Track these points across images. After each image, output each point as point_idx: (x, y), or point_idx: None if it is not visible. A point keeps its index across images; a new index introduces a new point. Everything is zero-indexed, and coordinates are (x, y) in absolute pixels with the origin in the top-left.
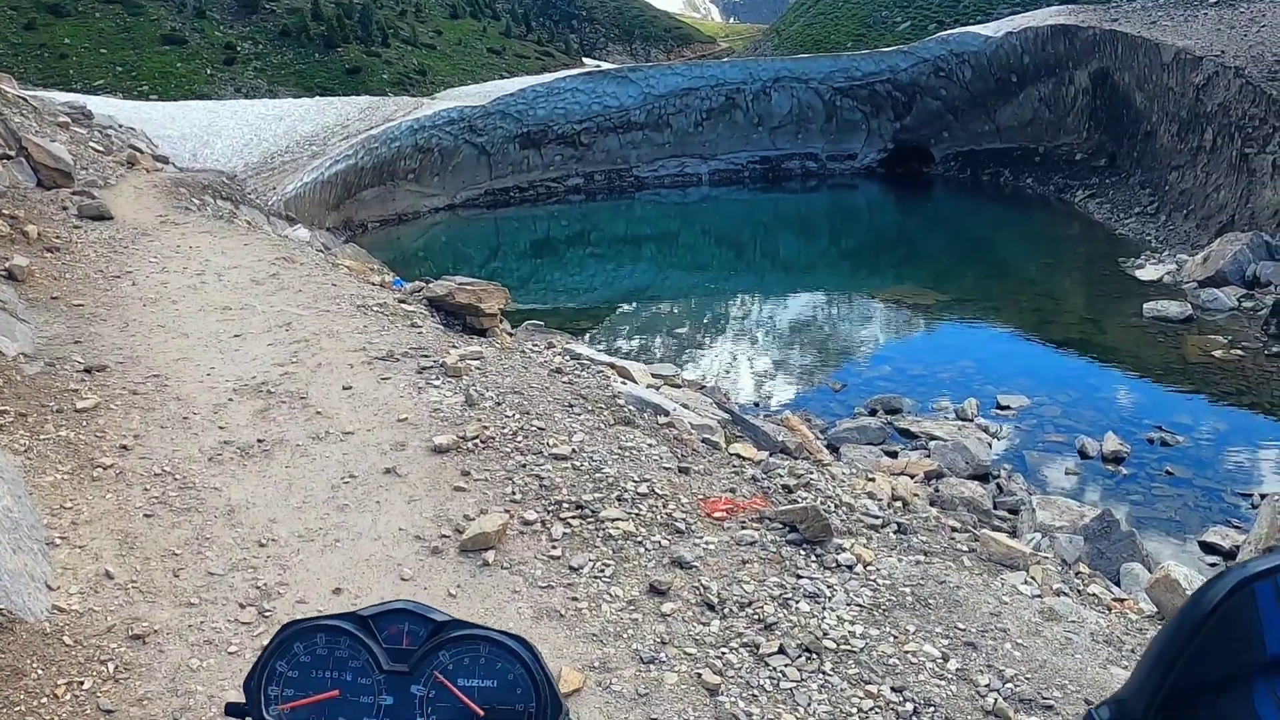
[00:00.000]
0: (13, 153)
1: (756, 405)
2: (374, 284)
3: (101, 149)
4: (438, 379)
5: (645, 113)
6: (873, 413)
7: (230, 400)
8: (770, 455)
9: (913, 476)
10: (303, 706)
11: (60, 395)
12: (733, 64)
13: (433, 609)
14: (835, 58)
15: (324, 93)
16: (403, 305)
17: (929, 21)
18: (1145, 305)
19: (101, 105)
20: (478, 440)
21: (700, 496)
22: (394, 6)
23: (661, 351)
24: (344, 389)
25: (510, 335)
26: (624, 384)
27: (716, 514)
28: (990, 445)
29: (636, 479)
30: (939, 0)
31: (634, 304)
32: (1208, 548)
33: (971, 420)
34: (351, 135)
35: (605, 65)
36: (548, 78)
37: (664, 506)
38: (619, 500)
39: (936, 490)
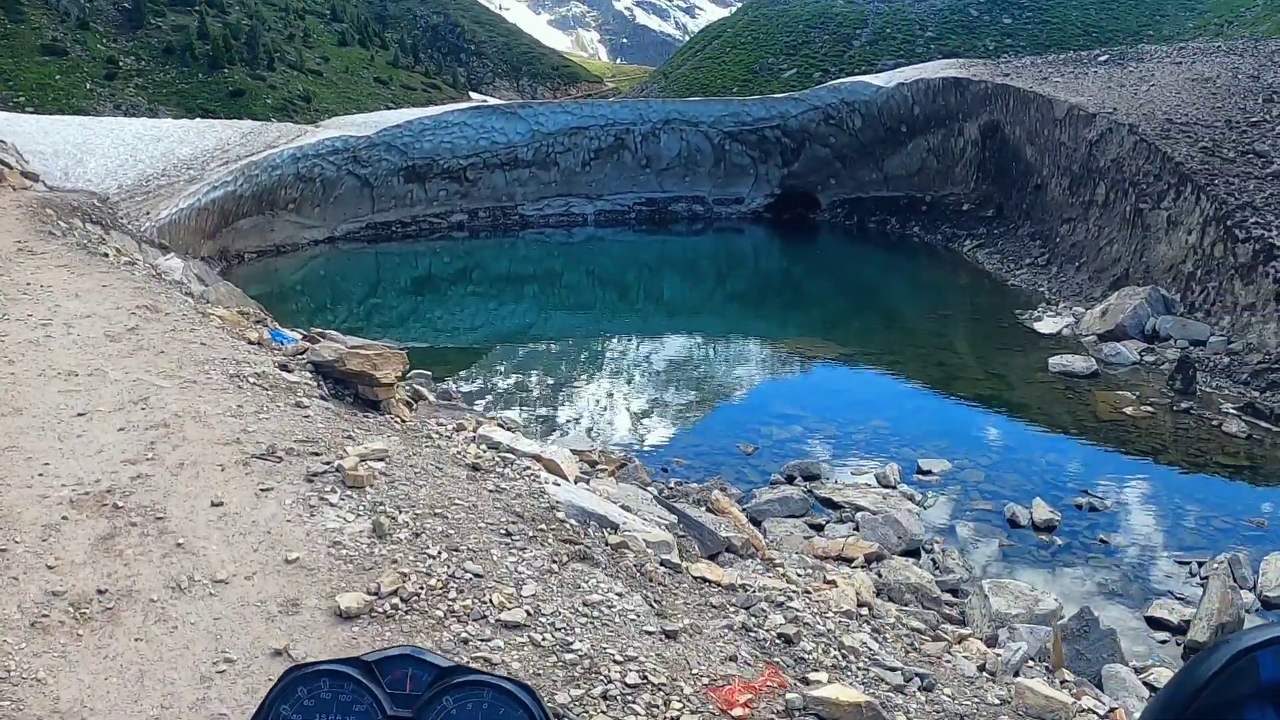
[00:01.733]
0: None
1: (666, 471)
2: (251, 341)
3: None
4: (334, 492)
5: (533, 150)
6: (790, 479)
7: (65, 519)
8: (726, 568)
9: (851, 561)
10: None
11: None
12: (623, 104)
13: (437, 654)
14: (726, 102)
15: (206, 114)
16: (284, 374)
17: (814, 69)
18: (1050, 360)
19: None
20: (397, 599)
21: (704, 681)
22: (282, 30)
23: (553, 405)
24: (213, 505)
25: (410, 408)
26: (556, 484)
27: (735, 712)
28: (919, 515)
29: (619, 656)
30: (825, 50)
31: (518, 346)
32: (1155, 623)
33: (894, 487)
34: (231, 161)
35: (492, 100)
36: (434, 110)
37: (665, 705)
38: (605, 699)
39: (880, 575)
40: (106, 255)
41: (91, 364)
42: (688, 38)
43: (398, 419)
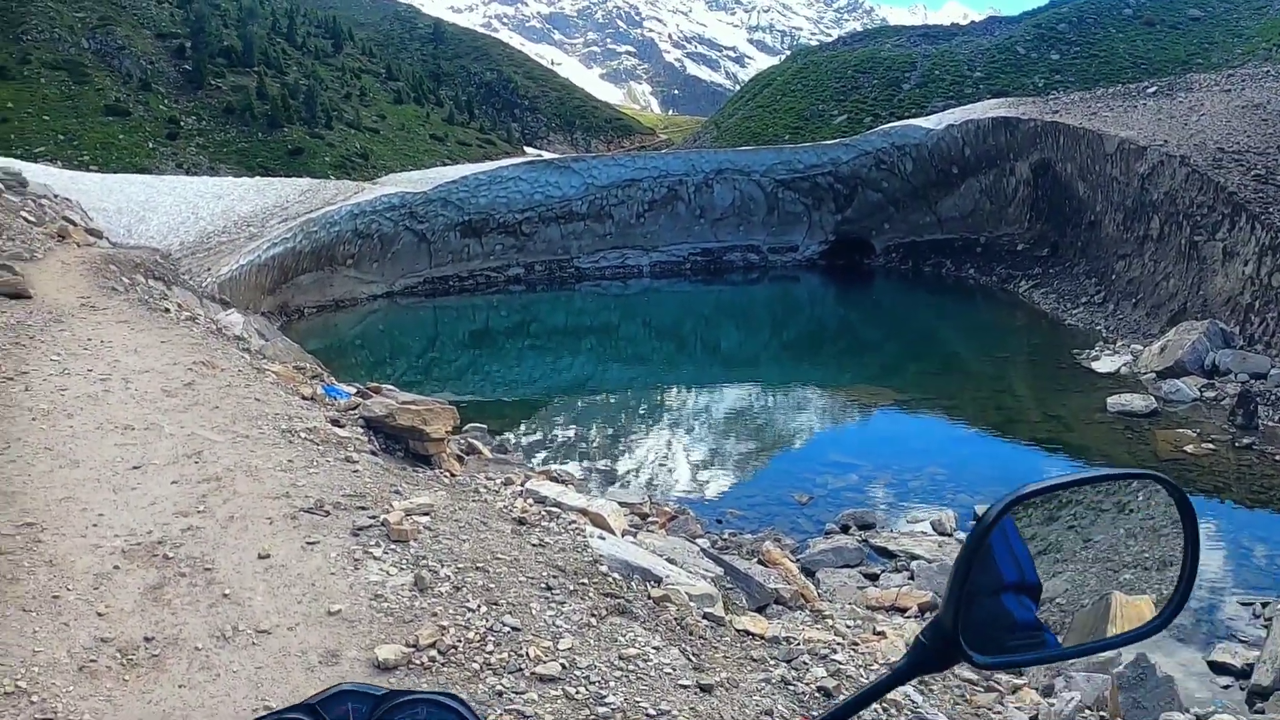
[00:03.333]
0: None
1: (720, 522)
2: (304, 397)
3: (33, 219)
4: (379, 545)
5: (587, 203)
6: (845, 529)
7: (117, 569)
8: (773, 620)
9: (904, 611)
10: None
11: None
12: (675, 155)
13: (371, 685)
14: (778, 150)
15: (265, 172)
16: (335, 429)
17: (865, 115)
18: (1109, 400)
19: (39, 173)
20: (435, 651)
21: None
22: (339, 89)
23: (609, 456)
24: (260, 558)
25: (461, 462)
26: (601, 538)
27: None
28: None
29: (652, 710)
30: (875, 95)
31: (575, 399)
32: (1218, 668)
33: (950, 535)
34: (290, 218)
35: (547, 154)
36: (490, 165)
37: None
38: None
39: None
40: (168, 310)
41: (148, 418)
42: (738, 87)
43: (447, 473)
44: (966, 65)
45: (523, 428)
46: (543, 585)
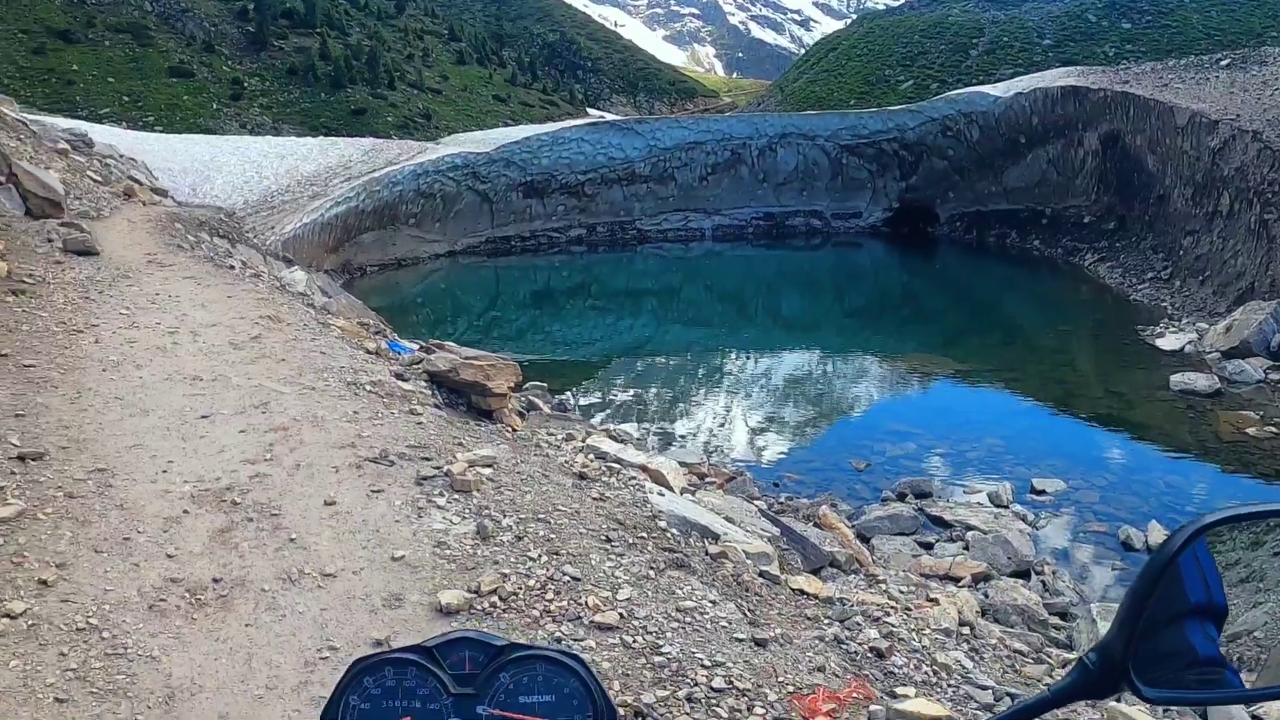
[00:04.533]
0: (2, 179)
1: (776, 485)
2: (369, 351)
3: (99, 179)
4: (442, 495)
5: (650, 165)
6: (901, 497)
7: (186, 513)
8: (827, 582)
9: (958, 580)
10: None
11: None
12: (739, 118)
13: (492, 635)
14: (842, 115)
15: (328, 132)
16: (400, 383)
17: (931, 81)
18: (1172, 378)
19: (104, 134)
20: (496, 598)
21: (789, 689)
22: (401, 50)
23: (668, 418)
24: (326, 504)
25: (521, 418)
26: (660, 494)
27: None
28: (1030, 536)
29: (707, 661)
30: (942, 61)
31: (635, 360)
32: None
33: (1006, 507)
34: (353, 177)
35: (609, 116)
36: (552, 127)
37: (749, 711)
38: (689, 701)
39: (986, 595)
40: (233, 268)
41: (216, 370)
42: (802, 50)
43: (509, 428)
44: (1036, 32)
45: (582, 387)
46: (602, 537)
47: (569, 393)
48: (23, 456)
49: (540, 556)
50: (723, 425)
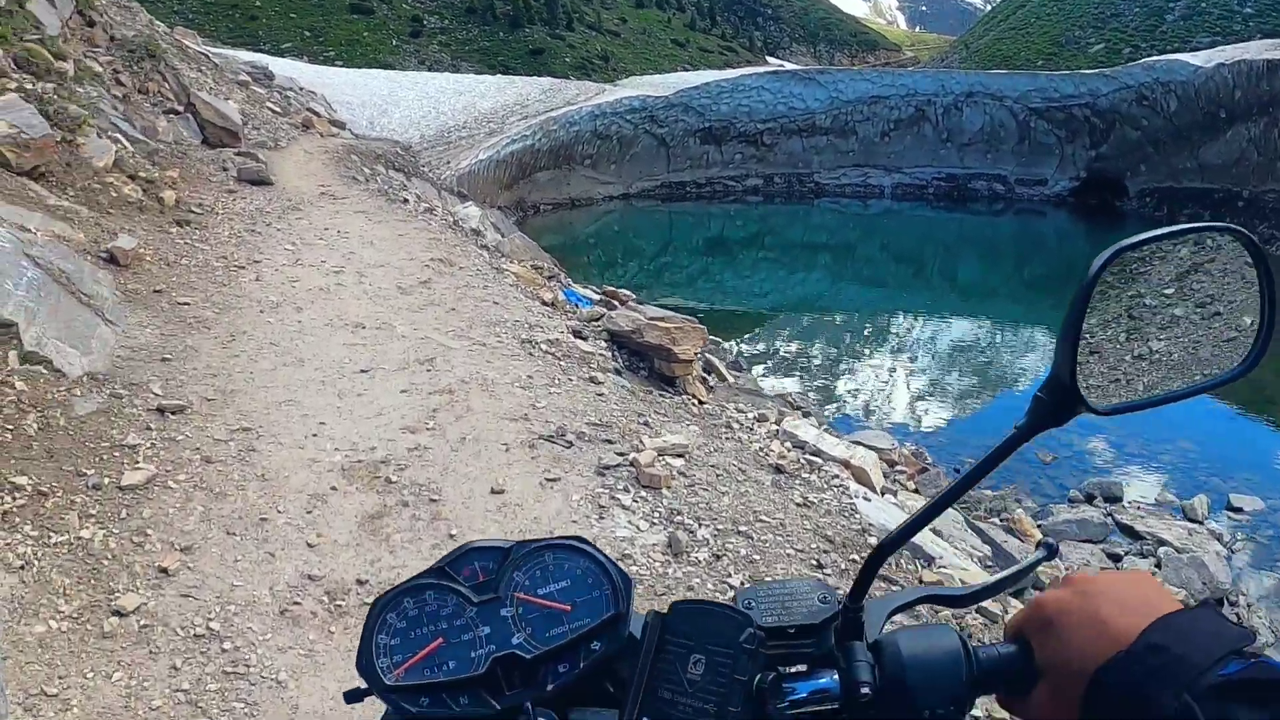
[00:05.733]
0: (180, 108)
1: (958, 472)
2: (544, 302)
3: (278, 110)
4: (627, 491)
5: (831, 118)
6: (1089, 499)
7: (334, 490)
8: None
9: None
10: (416, 664)
11: (106, 458)
12: (924, 74)
13: (499, 539)
14: (1033, 76)
15: (506, 72)
16: (578, 342)
17: (1124, 45)
18: None
19: (285, 67)
20: None
21: None
22: None
23: (839, 382)
24: (493, 492)
25: (705, 385)
26: (866, 498)
27: None
28: (1226, 560)
29: None
30: (1136, 24)
31: (807, 316)
32: None
33: (1201, 522)
34: (530, 116)
35: (789, 65)
36: (732, 73)
37: None
38: None
39: None
40: (406, 202)
41: (380, 317)
42: (989, 6)
43: (694, 400)
44: (1238, 0)
45: (751, 339)
46: (812, 561)
47: (739, 344)
48: (162, 409)
49: (742, 585)
50: (897, 397)
